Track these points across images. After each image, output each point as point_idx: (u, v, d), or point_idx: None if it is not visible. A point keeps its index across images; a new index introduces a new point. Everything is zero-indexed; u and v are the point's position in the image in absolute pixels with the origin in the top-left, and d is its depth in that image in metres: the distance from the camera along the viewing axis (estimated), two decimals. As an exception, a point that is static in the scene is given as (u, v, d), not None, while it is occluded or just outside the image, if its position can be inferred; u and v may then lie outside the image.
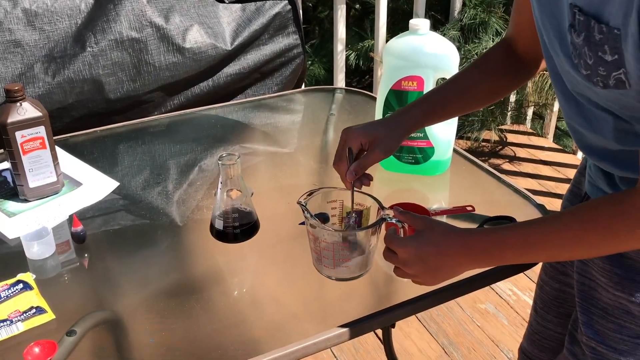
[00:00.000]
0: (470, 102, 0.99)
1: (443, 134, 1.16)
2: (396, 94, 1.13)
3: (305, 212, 0.87)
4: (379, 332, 1.85)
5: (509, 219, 1.03)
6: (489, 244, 0.78)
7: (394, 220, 0.85)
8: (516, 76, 0.99)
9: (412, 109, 0.97)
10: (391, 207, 0.87)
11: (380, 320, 0.88)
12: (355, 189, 0.90)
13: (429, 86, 1.11)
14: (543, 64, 0.98)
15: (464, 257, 0.78)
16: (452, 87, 0.98)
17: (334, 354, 1.84)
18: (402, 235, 0.85)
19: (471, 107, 1.03)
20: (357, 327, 0.84)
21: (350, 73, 3.23)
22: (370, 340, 1.89)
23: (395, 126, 0.94)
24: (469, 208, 1.06)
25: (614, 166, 0.78)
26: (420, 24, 1.09)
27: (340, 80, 2.51)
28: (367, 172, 0.93)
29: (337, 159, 0.93)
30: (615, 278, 0.81)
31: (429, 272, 0.80)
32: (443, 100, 0.97)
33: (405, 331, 1.92)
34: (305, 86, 1.81)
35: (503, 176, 1.19)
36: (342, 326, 0.83)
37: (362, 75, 3.43)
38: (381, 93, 1.16)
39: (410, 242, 0.80)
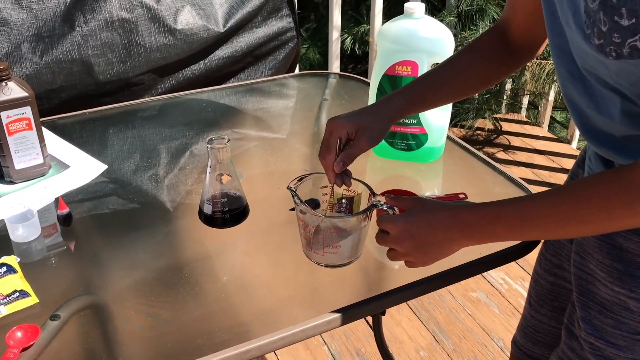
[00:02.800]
0: (459, 89, 0.96)
1: (437, 120, 1.15)
2: (390, 79, 1.11)
3: (295, 197, 0.85)
4: (370, 319, 1.84)
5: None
6: (480, 218, 0.75)
7: (385, 207, 0.84)
8: (508, 63, 0.96)
9: (398, 96, 0.93)
10: (382, 194, 0.86)
11: (370, 308, 0.87)
12: (336, 185, 0.88)
13: (423, 71, 1.09)
14: (538, 51, 0.96)
15: (454, 232, 0.77)
16: (440, 74, 0.95)
17: (324, 341, 1.84)
18: None
19: (460, 94, 1.00)
20: (346, 314, 0.83)
21: (346, 59, 3.21)
22: (361, 328, 1.88)
23: (380, 114, 0.91)
24: (462, 196, 1.05)
25: (616, 153, 0.77)
26: (415, 7, 1.07)
27: (335, 68, 2.48)
28: (350, 166, 0.90)
29: (323, 150, 0.88)
30: (615, 273, 0.79)
31: (420, 249, 0.78)
32: (430, 87, 0.94)
33: (396, 319, 1.92)
34: (300, 71, 1.78)
35: (496, 164, 1.18)
36: (331, 313, 0.82)
37: (357, 61, 3.40)
38: (375, 78, 1.14)
39: (400, 218, 0.79)
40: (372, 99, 1.17)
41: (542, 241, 1.02)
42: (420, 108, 0.98)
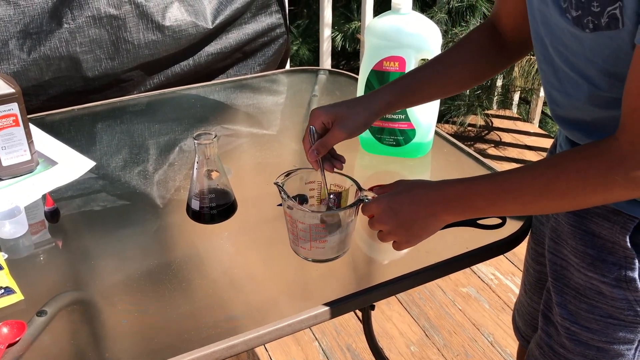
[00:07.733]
0: (449, 85, 0.97)
1: (424, 116, 1.15)
2: (377, 75, 1.11)
3: (282, 192, 0.85)
4: (361, 314, 1.85)
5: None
6: (460, 192, 0.77)
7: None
8: (498, 59, 0.96)
9: (384, 90, 0.94)
10: (370, 189, 0.87)
11: (358, 301, 0.87)
12: (326, 170, 0.90)
13: (410, 67, 1.09)
14: (530, 48, 0.96)
15: (436, 207, 0.78)
16: (430, 69, 0.96)
17: (315, 337, 1.84)
18: None
19: (450, 90, 1.00)
20: (333, 308, 0.84)
21: (336, 56, 3.20)
22: (352, 323, 1.89)
23: (363, 106, 0.92)
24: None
25: (587, 137, 0.78)
26: (402, 3, 1.07)
27: (326, 65, 2.48)
28: (340, 154, 0.91)
29: (304, 139, 0.91)
30: (588, 259, 0.80)
31: (403, 226, 0.80)
32: (419, 82, 0.95)
33: (387, 314, 1.93)
34: (290, 67, 1.78)
35: (484, 159, 1.19)
36: (319, 307, 0.82)
37: (349, 58, 3.40)
38: (362, 74, 1.14)
39: (383, 198, 0.82)
40: (360, 94, 1.17)
41: (530, 232, 1.02)
42: (408, 103, 0.99)
